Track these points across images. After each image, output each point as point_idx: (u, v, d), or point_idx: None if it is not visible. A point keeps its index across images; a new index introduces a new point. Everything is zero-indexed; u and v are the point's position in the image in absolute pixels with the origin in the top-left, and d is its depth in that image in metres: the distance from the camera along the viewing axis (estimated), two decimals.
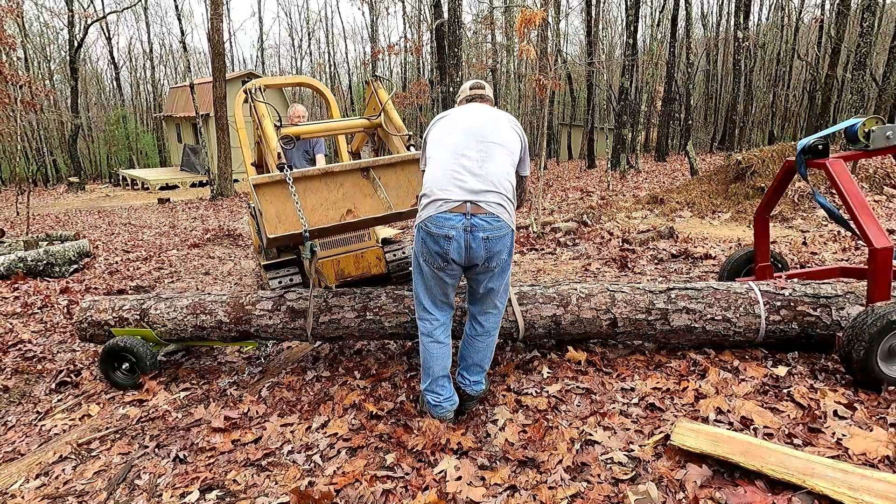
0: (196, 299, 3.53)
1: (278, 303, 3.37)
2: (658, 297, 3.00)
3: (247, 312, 3.39)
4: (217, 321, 3.43)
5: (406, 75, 33.52)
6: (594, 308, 3.03)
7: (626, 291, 3.07)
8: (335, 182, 3.00)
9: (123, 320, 3.53)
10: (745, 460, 1.98)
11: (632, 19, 18.36)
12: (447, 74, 11.10)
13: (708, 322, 2.92)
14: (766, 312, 2.87)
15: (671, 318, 2.95)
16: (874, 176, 8.46)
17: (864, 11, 11.88)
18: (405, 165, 3.15)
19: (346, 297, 3.31)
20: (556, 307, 3.07)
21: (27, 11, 27.77)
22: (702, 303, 2.94)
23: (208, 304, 3.48)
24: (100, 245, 9.31)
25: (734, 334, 2.92)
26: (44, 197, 22.50)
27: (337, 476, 2.30)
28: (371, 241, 4.21)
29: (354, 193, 3.03)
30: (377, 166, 3.09)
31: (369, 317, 3.23)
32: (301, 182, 2.91)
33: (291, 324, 3.32)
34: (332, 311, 3.28)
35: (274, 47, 60.27)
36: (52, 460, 2.72)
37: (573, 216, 8.33)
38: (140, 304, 3.58)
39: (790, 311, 2.86)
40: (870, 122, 2.99)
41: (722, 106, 31.72)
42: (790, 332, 2.87)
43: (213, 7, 16.58)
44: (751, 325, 2.88)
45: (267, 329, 3.38)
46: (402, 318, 3.19)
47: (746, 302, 2.90)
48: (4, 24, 14.82)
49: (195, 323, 3.45)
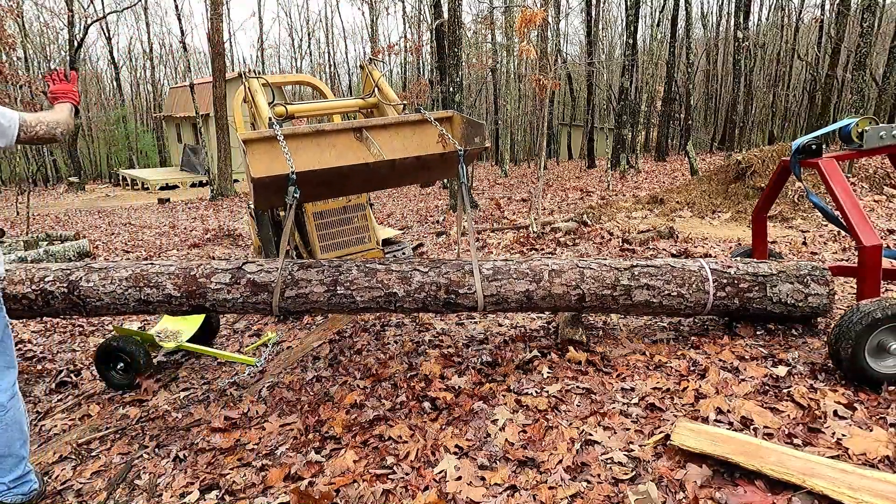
0: (138, 270, 3.17)
1: (237, 275, 3.10)
2: (623, 273, 3.18)
3: (200, 286, 3.09)
4: (165, 295, 3.10)
5: (406, 75, 33.51)
6: (565, 284, 3.14)
7: (594, 268, 3.19)
8: (327, 142, 2.86)
9: (47, 293, 3.12)
10: (745, 460, 1.98)
11: (632, 19, 18.35)
12: (447, 74, 11.09)
13: (665, 298, 3.15)
14: (714, 289, 3.14)
15: (633, 294, 3.15)
16: (874, 176, 8.47)
17: (864, 11, 11.88)
18: (399, 128, 3.00)
19: (314, 271, 3.12)
20: (529, 283, 3.13)
21: (27, 11, 27.77)
22: (661, 280, 3.15)
23: (153, 277, 3.12)
24: (100, 245, 9.31)
25: (685, 308, 3.19)
26: (44, 197, 22.50)
27: (337, 476, 2.30)
28: (371, 243, 4.22)
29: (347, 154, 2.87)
30: (371, 127, 2.94)
31: (340, 291, 3.07)
32: (292, 140, 2.76)
33: (253, 298, 3.08)
34: (299, 285, 3.07)
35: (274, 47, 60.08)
36: (52, 460, 2.72)
37: (573, 216, 8.32)
38: (66, 276, 3.16)
39: (733, 289, 3.15)
40: (863, 123, 3.02)
41: (722, 106, 31.71)
42: (732, 306, 3.17)
43: (213, 7, 16.59)
44: (700, 300, 3.15)
45: (225, 304, 3.12)
46: (375, 292, 3.08)
47: (699, 280, 3.15)
48: (4, 24, 14.82)
49: (138, 297, 3.10)
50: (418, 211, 12.36)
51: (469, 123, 2.98)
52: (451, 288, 3.11)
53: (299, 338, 4.19)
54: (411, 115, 3.04)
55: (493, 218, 9.88)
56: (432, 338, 3.80)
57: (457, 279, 3.12)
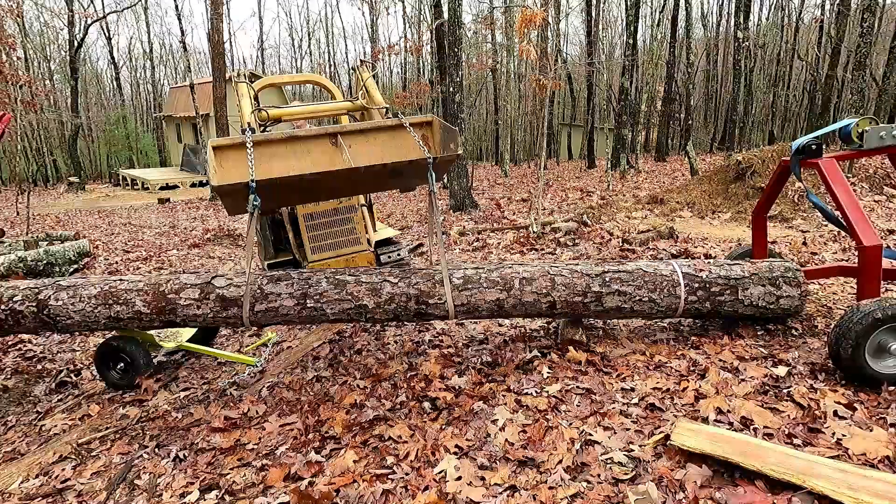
0: (106, 287, 3.18)
1: (206, 290, 3.12)
2: (594, 280, 3.15)
3: (170, 301, 3.11)
4: (135, 312, 3.12)
5: (406, 75, 33.50)
6: (535, 292, 3.12)
7: (565, 274, 3.16)
8: (302, 148, 2.80)
9: (17, 313, 3.13)
10: (744, 460, 1.98)
11: (632, 19, 18.34)
12: (447, 74, 11.09)
13: (636, 303, 3.13)
14: (685, 294, 3.11)
15: (604, 301, 3.13)
16: (874, 176, 8.46)
17: (864, 12, 11.88)
18: (377, 133, 2.92)
19: (284, 284, 3.12)
20: (500, 291, 3.12)
21: (27, 11, 27.74)
22: (632, 285, 3.12)
23: (122, 293, 3.14)
24: (100, 245, 9.31)
25: (657, 313, 3.17)
26: (44, 197, 22.49)
27: (337, 476, 2.30)
28: (363, 244, 4.20)
29: (323, 161, 2.79)
30: (346, 133, 2.86)
31: (310, 304, 3.08)
32: (265, 147, 2.71)
33: (223, 312, 3.11)
34: (269, 299, 3.08)
35: (274, 47, 60.24)
36: (52, 460, 2.72)
37: (573, 216, 8.32)
38: (35, 294, 3.18)
39: (705, 292, 3.13)
40: (863, 123, 3.01)
41: (722, 106, 31.69)
42: (703, 309, 3.16)
43: (213, 7, 16.58)
44: (672, 304, 3.13)
45: (195, 318, 3.15)
46: (346, 304, 3.09)
47: (670, 284, 3.11)
48: (4, 24, 14.82)
49: (108, 314, 3.13)
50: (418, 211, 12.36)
51: (445, 129, 2.91)
52: (421, 298, 3.09)
53: (299, 338, 4.19)
54: (388, 121, 2.97)
55: (493, 218, 9.87)
56: (432, 338, 3.80)
57: (427, 289, 3.09)
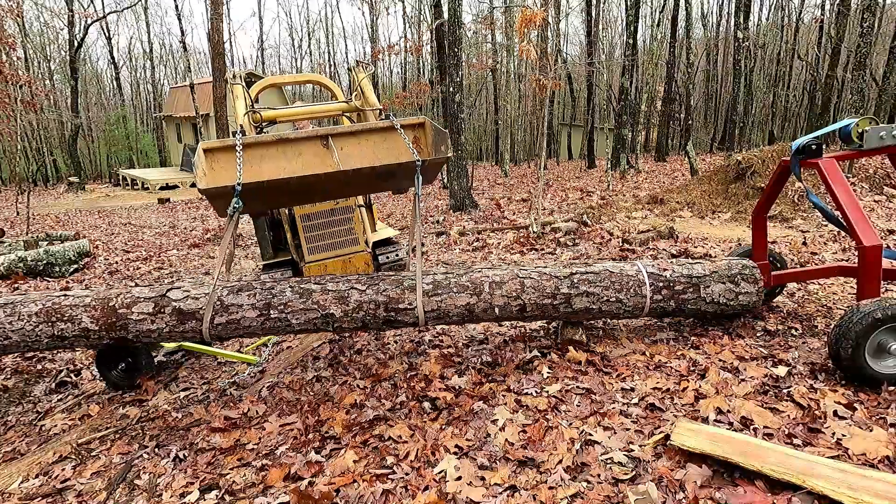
0: (48, 303, 2.94)
1: (161, 304, 2.95)
2: (563, 282, 3.18)
3: (121, 317, 2.92)
4: (82, 329, 2.90)
5: (406, 75, 33.50)
6: (505, 295, 3.13)
7: (534, 277, 3.19)
8: (293, 150, 2.79)
9: None
10: (744, 460, 1.98)
11: (632, 19, 18.34)
12: (447, 74, 11.09)
13: (604, 304, 3.20)
14: (651, 293, 3.20)
15: (573, 302, 3.18)
16: (874, 176, 8.47)
17: (864, 12, 11.87)
18: (369, 135, 2.91)
19: (245, 295, 3.00)
20: (470, 296, 3.11)
21: (27, 11, 27.75)
22: (599, 286, 3.18)
23: (66, 310, 2.92)
24: (100, 245, 9.32)
25: (624, 312, 3.24)
26: (44, 197, 22.50)
27: (337, 476, 2.30)
28: (360, 245, 4.20)
29: (315, 163, 2.78)
30: (337, 135, 2.84)
31: (274, 315, 2.98)
32: (255, 149, 2.70)
33: (180, 327, 2.95)
34: (230, 311, 2.94)
35: (274, 47, 60.29)
36: (51, 460, 2.72)
37: (573, 216, 8.32)
38: None
39: (669, 291, 3.22)
40: (863, 123, 3.01)
41: (722, 106, 31.69)
42: (668, 307, 3.24)
43: (213, 7, 16.58)
44: (638, 303, 3.21)
45: (150, 334, 2.97)
46: (311, 314, 3.00)
47: (636, 284, 3.20)
48: (4, 24, 14.82)
49: (51, 333, 2.90)
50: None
51: (437, 132, 2.90)
52: (390, 306, 3.04)
53: (299, 338, 4.19)
54: (380, 123, 2.96)
55: (493, 218, 9.87)
56: (432, 338, 3.80)
57: (396, 296, 3.05)
